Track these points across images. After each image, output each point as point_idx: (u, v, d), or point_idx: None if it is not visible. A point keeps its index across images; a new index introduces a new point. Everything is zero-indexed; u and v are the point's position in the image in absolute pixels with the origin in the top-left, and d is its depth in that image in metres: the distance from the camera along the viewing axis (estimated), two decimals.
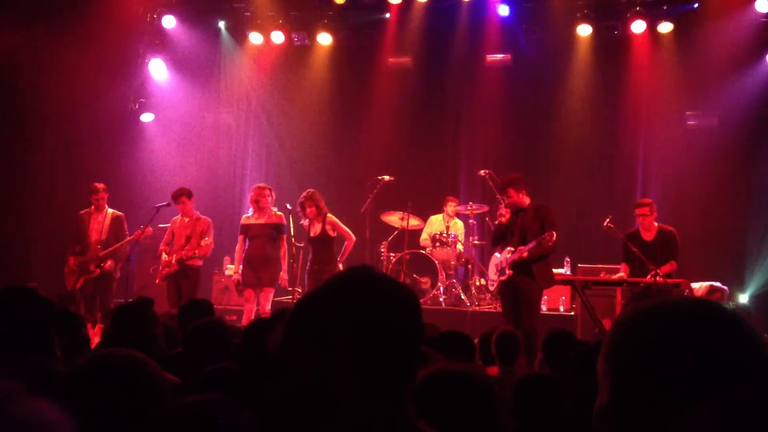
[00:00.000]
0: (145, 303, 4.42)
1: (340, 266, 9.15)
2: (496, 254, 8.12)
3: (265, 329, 3.24)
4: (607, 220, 8.51)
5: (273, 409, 2.49)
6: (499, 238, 7.97)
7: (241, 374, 3.06)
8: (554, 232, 7.51)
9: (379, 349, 1.53)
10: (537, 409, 3.26)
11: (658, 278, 7.82)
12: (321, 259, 9.08)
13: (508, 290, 7.81)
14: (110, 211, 9.74)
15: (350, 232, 9.30)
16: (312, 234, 9.16)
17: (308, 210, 9.09)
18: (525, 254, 7.58)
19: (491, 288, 9.02)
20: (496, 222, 8.09)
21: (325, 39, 12.37)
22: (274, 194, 9.35)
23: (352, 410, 1.52)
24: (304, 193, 9.22)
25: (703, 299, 1.32)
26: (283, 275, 9.15)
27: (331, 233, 9.13)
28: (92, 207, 9.70)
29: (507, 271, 7.76)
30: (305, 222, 9.25)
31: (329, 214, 9.18)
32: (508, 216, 7.79)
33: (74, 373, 2.13)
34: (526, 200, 7.86)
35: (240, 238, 9.35)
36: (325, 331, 1.54)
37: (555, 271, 9.53)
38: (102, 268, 9.43)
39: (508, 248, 7.81)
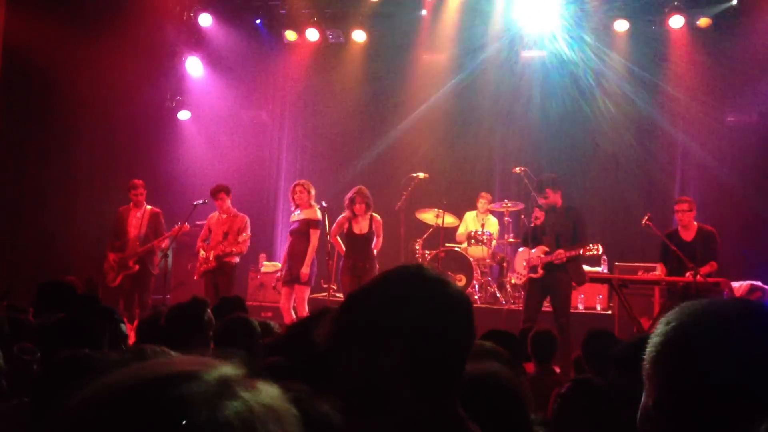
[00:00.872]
0: (201, 305, 4.44)
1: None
2: (523, 249, 8.36)
3: (310, 325, 3.25)
4: (646, 218, 8.43)
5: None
6: (534, 239, 8.16)
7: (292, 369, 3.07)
8: (600, 246, 7.88)
9: (430, 350, 1.53)
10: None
11: (697, 277, 7.73)
12: (363, 256, 9.07)
13: (536, 287, 8.03)
14: (148, 207, 9.85)
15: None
16: (357, 231, 9.13)
17: (358, 206, 9.07)
18: (564, 259, 7.82)
19: (518, 282, 9.00)
20: (532, 225, 8.28)
21: (359, 36, 12.38)
22: (310, 189, 9.34)
23: (401, 407, 1.53)
24: (356, 189, 9.19)
25: (748, 301, 1.31)
26: (304, 269, 9.09)
27: (374, 231, 9.15)
28: (131, 203, 9.81)
29: (539, 270, 7.97)
30: (343, 217, 9.21)
31: (375, 213, 9.21)
32: (542, 218, 8.06)
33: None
34: (559, 200, 8.13)
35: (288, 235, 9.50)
36: (378, 328, 1.54)
37: (592, 269, 9.68)
38: (141, 264, 9.54)
39: (541, 247, 7.99)
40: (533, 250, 8.15)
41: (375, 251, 9.20)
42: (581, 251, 7.79)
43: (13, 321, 4.77)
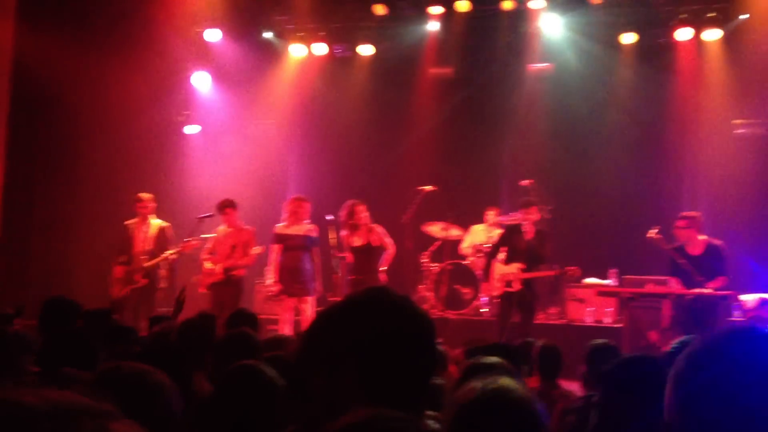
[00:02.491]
0: (209, 319, 4.43)
1: (383, 276, 9.19)
2: (499, 264, 9.06)
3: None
4: (654, 231, 8.40)
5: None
6: (513, 254, 8.96)
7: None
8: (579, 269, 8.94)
9: (385, 371, 1.60)
10: None
11: (704, 290, 7.68)
12: (364, 269, 9.11)
13: (511, 300, 8.81)
14: (156, 221, 9.85)
15: (391, 242, 9.34)
16: (356, 243, 9.17)
17: (362, 216, 9.09)
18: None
19: (494, 294, 9.33)
20: (509, 232, 9.17)
21: (366, 50, 12.41)
22: (309, 206, 9.45)
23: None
24: (353, 201, 9.24)
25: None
26: (318, 286, 9.20)
27: (375, 243, 9.16)
28: (138, 217, 9.83)
29: (517, 285, 8.81)
30: (345, 232, 9.27)
31: (374, 224, 9.25)
32: (532, 234, 8.84)
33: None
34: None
35: (276, 247, 9.40)
36: (336, 348, 1.63)
37: (601, 282, 9.80)
38: (147, 277, 9.54)
39: (516, 264, 8.82)
40: (500, 265, 8.97)
41: (381, 264, 9.23)
42: (562, 274, 8.90)
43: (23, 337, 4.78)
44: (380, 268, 9.23)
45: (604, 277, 10.36)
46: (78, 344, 3.70)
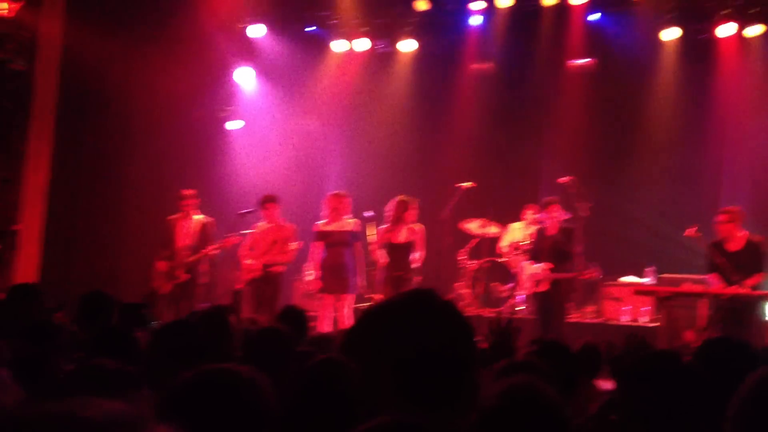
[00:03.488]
0: (223, 311, 4.56)
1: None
2: (528, 264, 9.31)
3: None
4: (694, 228, 8.36)
5: None
6: (539, 253, 9.16)
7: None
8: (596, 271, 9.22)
9: (424, 371, 1.66)
10: None
11: (741, 289, 7.63)
12: (403, 266, 9.15)
13: (543, 300, 8.94)
14: (199, 216, 9.91)
15: (424, 246, 9.36)
16: (398, 240, 9.21)
17: (408, 213, 9.14)
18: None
19: (525, 294, 9.66)
20: (539, 232, 9.36)
21: (408, 45, 12.46)
22: (350, 201, 9.50)
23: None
24: (406, 197, 9.31)
25: None
26: (361, 281, 9.26)
27: (417, 242, 9.21)
28: (181, 213, 9.97)
29: (544, 285, 8.94)
30: (386, 227, 9.30)
31: (416, 223, 9.28)
32: (553, 230, 9.00)
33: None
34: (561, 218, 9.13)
35: (317, 244, 9.46)
36: (378, 348, 1.70)
37: (638, 281, 9.78)
38: (189, 273, 9.69)
39: (544, 264, 8.93)
40: (530, 265, 9.14)
41: (414, 263, 9.25)
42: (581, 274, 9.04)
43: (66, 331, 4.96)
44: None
45: (641, 276, 10.31)
46: (117, 338, 3.83)
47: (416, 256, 9.27)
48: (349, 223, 9.39)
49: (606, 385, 5.25)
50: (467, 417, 1.84)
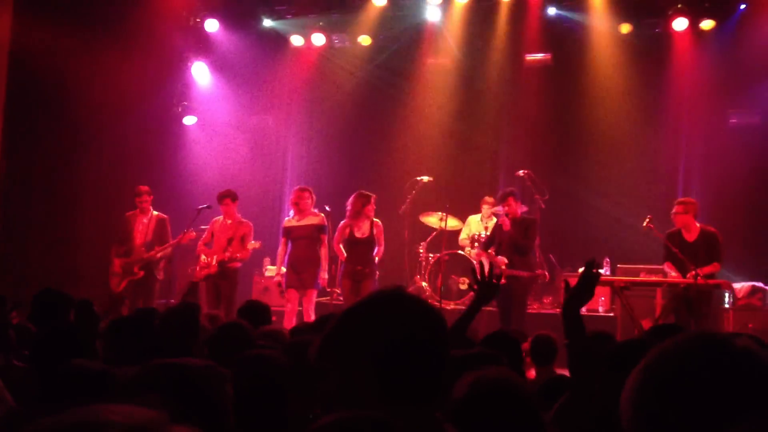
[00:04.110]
0: (192, 308, 4.49)
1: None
2: (484, 258, 9.18)
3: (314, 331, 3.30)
4: (647, 219, 8.47)
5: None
6: (491, 245, 9.14)
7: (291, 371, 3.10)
8: (547, 273, 9.52)
9: (399, 368, 1.71)
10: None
11: (698, 279, 7.75)
12: (364, 260, 9.14)
13: (502, 293, 8.53)
14: (155, 213, 9.89)
15: (382, 241, 9.37)
16: (359, 235, 9.19)
17: (369, 207, 9.14)
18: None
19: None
20: (498, 224, 9.18)
21: (364, 41, 12.44)
22: (314, 196, 9.45)
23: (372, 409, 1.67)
24: (363, 192, 9.28)
25: (712, 337, 1.37)
26: (323, 275, 9.25)
27: (377, 236, 9.21)
28: (137, 209, 9.88)
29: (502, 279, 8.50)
30: (347, 222, 9.28)
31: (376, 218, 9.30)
32: (509, 225, 8.86)
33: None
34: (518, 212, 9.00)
35: (282, 240, 9.44)
36: (352, 348, 1.74)
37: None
38: (146, 269, 9.60)
39: (501, 257, 8.84)
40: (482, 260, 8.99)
41: (376, 258, 9.26)
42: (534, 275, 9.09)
43: (20, 329, 4.86)
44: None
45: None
46: (70, 337, 3.75)
47: (377, 251, 9.26)
48: (315, 218, 9.35)
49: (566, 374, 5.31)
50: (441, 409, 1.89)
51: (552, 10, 11.68)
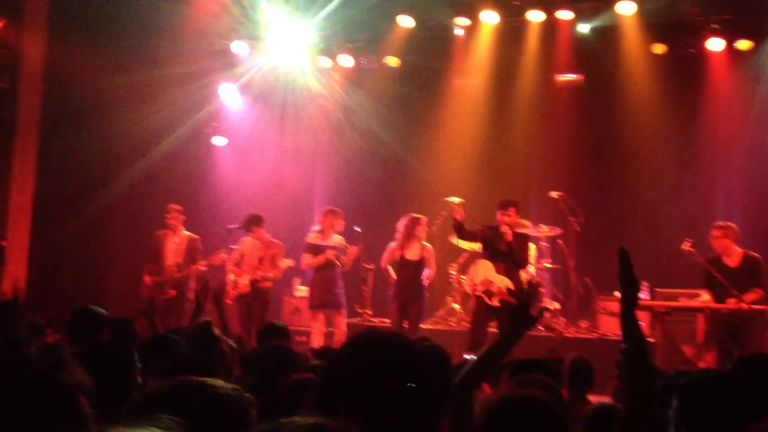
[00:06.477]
0: (208, 327, 4.39)
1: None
2: (486, 268, 8.68)
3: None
4: (688, 244, 8.29)
5: None
6: (495, 256, 8.68)
7: None
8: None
9: (401, 407, 1.77)
10: None
11: (741, 304, 7.55)
12: (413, 283, 9.10)
13: (489, 312, 8.48)
14: (186, 233, 9.88)
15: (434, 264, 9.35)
16: (410, 257, 9.15)
17: (419, 229, 9.11)
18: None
19: (470, 291, 9.04)
20: (502, 235, 8.67)
21: (392, 61, 12.40)
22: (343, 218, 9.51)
23: None
24: (416, 215, 9.28)
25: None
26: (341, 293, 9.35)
27: (427, 259, 9.17)
28: (168, 228, 9.84)
29: (496, 301, 8.47)
30: (393, 244, 9.24)
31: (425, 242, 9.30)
32: (511, 236, 8.51)
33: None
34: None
35: (308, 256, 9.41)
36: (354, 390, 1.80)
37: None
38: (177, 289, 9.54)
39: (501, 276, 8.48)
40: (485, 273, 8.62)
41: (426, 281, 9.19)
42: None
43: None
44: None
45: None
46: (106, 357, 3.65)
47: (427, 274, 9.20)
48: (337, 239, 9.33)
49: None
50: None
51: (584, 27, 11.52)
